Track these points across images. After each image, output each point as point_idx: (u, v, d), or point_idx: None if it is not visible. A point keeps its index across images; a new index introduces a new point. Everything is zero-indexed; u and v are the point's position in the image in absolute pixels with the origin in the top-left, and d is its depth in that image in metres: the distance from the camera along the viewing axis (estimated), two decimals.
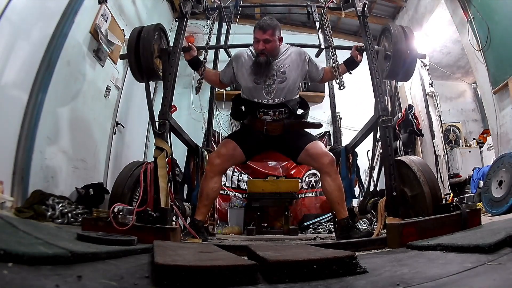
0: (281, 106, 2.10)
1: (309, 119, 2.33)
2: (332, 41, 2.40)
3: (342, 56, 2.28)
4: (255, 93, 2.10)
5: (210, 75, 2.33)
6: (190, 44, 2.26)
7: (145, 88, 2.21)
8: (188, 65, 2.28)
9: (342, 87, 2.12)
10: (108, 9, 3.14)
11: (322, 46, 2.50)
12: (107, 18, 3.16)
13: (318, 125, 2.38)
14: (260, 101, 2.10)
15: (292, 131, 2.14)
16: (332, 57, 2.28)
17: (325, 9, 2.76)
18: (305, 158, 2.13)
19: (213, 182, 2.07)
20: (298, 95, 2.23)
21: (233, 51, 2.72)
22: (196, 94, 2.23)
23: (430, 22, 4.36)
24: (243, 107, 2.26)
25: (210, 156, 2.23)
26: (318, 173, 2.76)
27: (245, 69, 2.11)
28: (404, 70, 2.22)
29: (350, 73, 2.24)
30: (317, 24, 2.81)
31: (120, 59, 2.71)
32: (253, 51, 2.11)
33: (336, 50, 2.32)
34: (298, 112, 2.23)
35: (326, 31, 2.65)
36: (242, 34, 4.49)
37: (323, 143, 4.70)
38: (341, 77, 2.15)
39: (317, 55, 2.62)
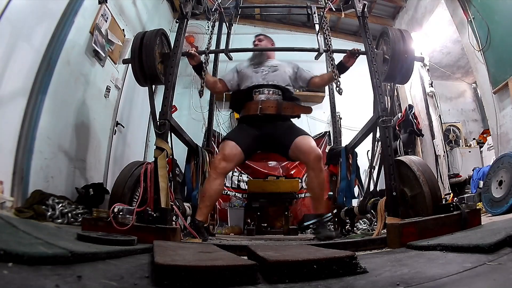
0: (274, 87, 2.40)
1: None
2: (331, 45, 2.51)
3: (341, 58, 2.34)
4: (254, 79, 2.44)
5: (210, 81, 2.53)
6: (193, 51, 2.34)
7: (148, 93, 2.24)
8: (189, 65, 2.38)
9: (340, 91, 2.23)
10: (108, 9, 3.13)
11: (321, 50, 2.51)
12: (107, 18, 3.16)
13: (309, 110, 2.60)
14: (255, 83, 2.42)
15: (285, 114, 2.34)
16: (331, 63, 2.40)
17: (324, 13, 2.76)
18: (295, 151, 2.27)
19: (216, 184, 2.15)
20: (291, 90, 2.51)
21: (234, 55, 2.74)
22: (200, 97, 2.34)
23: (430, 22, 4.36)
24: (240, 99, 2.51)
25: (215, 159, 2.33)
26: None
27: (246, 65, 2.60)
28: (402, 73, 2.24)
29: (339, 77, 2.39)
30: (317, 27, 2.81)
31: (123, 63, 2.73)
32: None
33: (336, 54, 2.42)
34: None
35: (325, 35, 2.65)
36: (242, 34, 4.50)
37: (323, 143, 4.74)
38: (338, 83, 2.29)
39: (316, 58, 2.62)
